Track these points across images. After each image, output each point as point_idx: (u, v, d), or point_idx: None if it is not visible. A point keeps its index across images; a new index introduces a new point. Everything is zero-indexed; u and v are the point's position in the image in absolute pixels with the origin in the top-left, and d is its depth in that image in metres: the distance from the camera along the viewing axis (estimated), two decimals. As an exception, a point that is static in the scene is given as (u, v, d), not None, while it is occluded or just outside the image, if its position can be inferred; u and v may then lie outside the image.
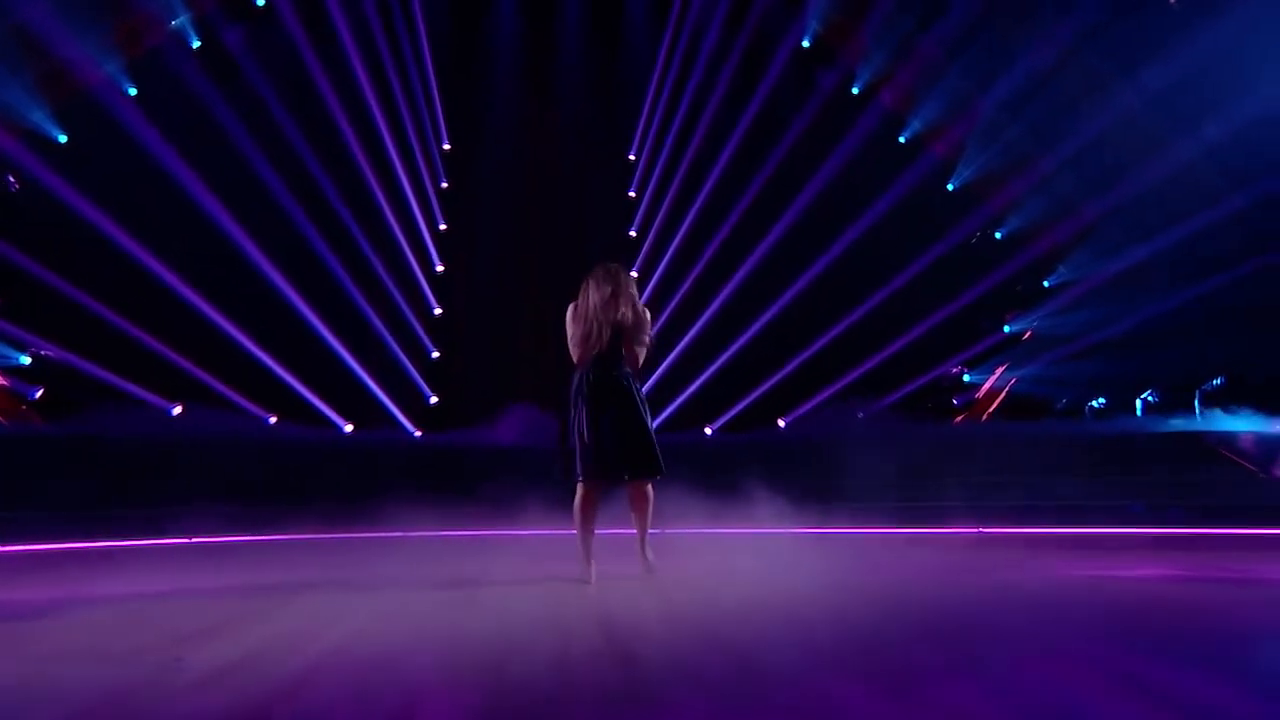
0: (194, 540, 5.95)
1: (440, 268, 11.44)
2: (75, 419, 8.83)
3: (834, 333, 10.71)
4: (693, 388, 10.77)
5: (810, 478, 6.93)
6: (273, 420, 9.90)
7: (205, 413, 9.28)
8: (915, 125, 11.31)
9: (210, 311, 9.44)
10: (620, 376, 3.99)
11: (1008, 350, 11.45)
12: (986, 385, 11.54)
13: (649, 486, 3.98)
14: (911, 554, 5.18)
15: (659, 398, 10.82)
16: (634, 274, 4.33)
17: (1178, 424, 9.50)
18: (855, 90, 11.38)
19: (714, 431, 10.72)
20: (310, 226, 10.01)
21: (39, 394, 9.40)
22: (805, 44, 11.51)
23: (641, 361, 4.12)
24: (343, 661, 2.41)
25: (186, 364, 9.32)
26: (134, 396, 9.17)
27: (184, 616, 3.13)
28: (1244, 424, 8.81)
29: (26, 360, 9.30)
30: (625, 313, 4.04)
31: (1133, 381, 10.77)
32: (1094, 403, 11.24)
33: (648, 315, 4.20)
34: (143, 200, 9.22)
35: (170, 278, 9.26)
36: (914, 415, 10.89)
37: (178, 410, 9.46)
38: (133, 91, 9.58)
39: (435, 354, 11.15)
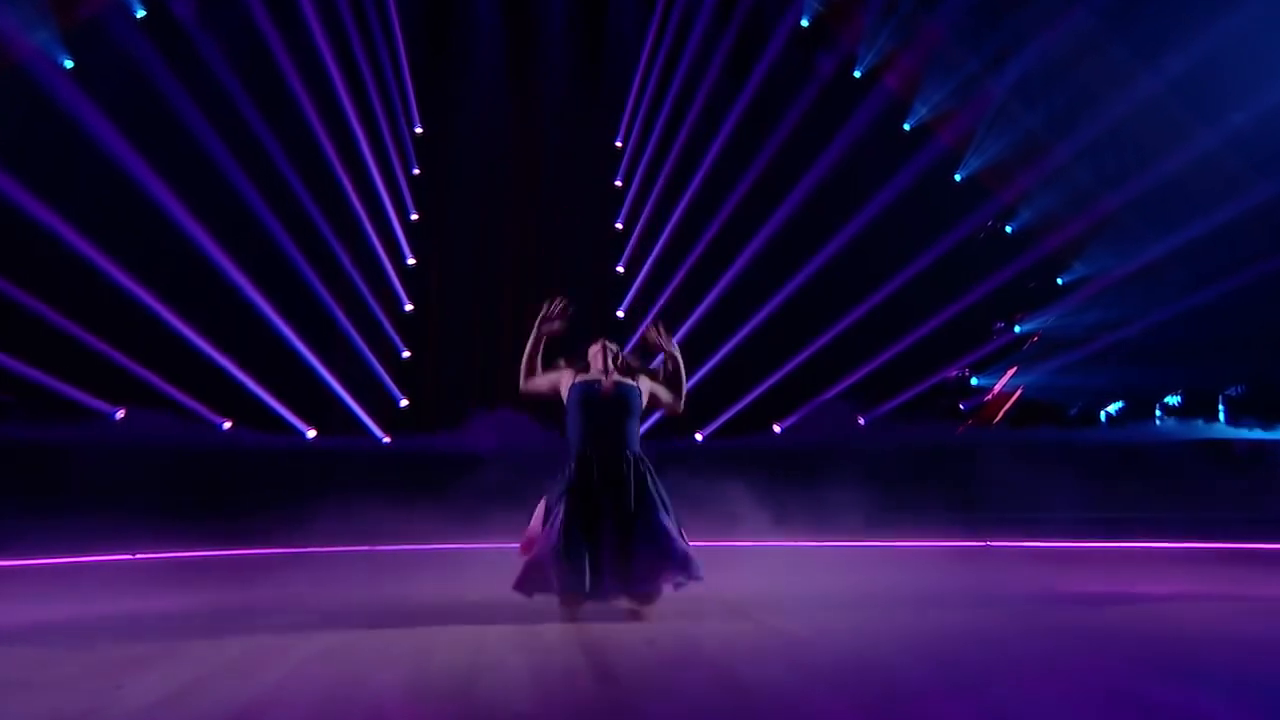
0: (138, 557, 5.86)
1: (411, 261, 11.37)
2: (6, 424, 8.66)
3: (833, 333, 10.75)
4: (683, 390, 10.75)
5: (806, 487, 6.95)
6: (227, 425, 9.78)
7: (152, 417, 9.14)
8: (921, 111, 11.39)
9: (158, 306, 9.29)
10: (627, 456, 3.47)
11: (1018, 352, 11.54)
12: (995, 389, 11.63)
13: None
14: (911, 568, 5.19)
15: (648, 400, 10.78)
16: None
17: (1200, 431, 9.61)
18: (857, 74, 11.45)
19: (704, 438, 10.73)
20: (270, 216, 9.89)
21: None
22: (804, 24, 11.56)
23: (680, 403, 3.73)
24: (302, 685, 2.36)
25: (131, 364, 9.16)
26: (72, 399, 9.01)
27: (127, 639, 3.07)
28: (1270, 432, 8.92)
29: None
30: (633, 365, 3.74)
31: (1152, 386, 10.88)
32: (1110, 409, 11.34)
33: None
34: (80, 183, 9.07)
35: (112, 269, 9.09)
36: (918, 420, 10.95)
37: (121, 414, 9.32)
38: (68, 64, 9.42)
39: (406, 354, 11.08)
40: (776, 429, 10.91)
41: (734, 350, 10.85)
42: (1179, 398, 10.73)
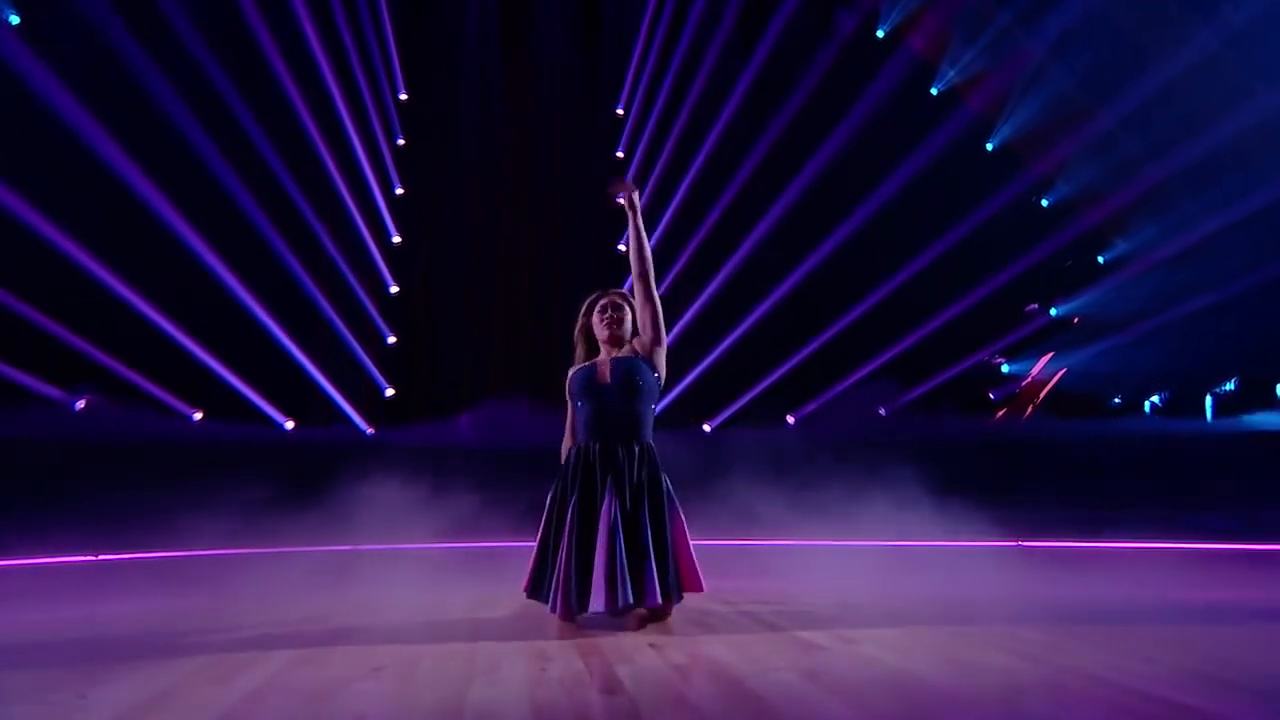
0: (101, 558, 5.88)
1: (397, 239, 11.35)
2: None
3: (852, 317, 10.73)
4: (689, 378, 10.76)
5: (823, 482, 6.95)
6: (198, 417, 9.80)
7: (116, 408, 9.16)
8: (949, 74, 11.29)
9: (122, 289, 9.26)
10: (634, 448, 3.40)
11: (1054, 337, 11.50)
12: (1029, 377, 11.60)
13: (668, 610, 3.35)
14: (937, 569, 5.19)
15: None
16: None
17: (1257, 422, 9.56)
18: (880, 34, 11.34)
19: (713, 429, 10.72)
20: (243, 191, 9.86)
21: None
22: (822, -21, 11.46)
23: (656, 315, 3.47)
24: (279, 695, 2.36)
25: (92, 350, 9.15)
26: (29, 390, 8.99)
27: (90, 646, 3.08)
28: None
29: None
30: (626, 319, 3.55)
31: (1202, 374, 10.82)
32: (1155, 399, 11.30)
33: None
34: (30, 152, 8.98)
35: (70, 247, 9.02)
36: (944, 411, 10.94)
37: (82, 404, 9.34)
38: (14, 20, 9.31)
39: (391, 339, 11.09)
40: (790, 420, 10.91)
41: (745, 335, 10.84)
42: (1232, 386, 10.68)
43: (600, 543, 3.24)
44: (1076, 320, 11.48)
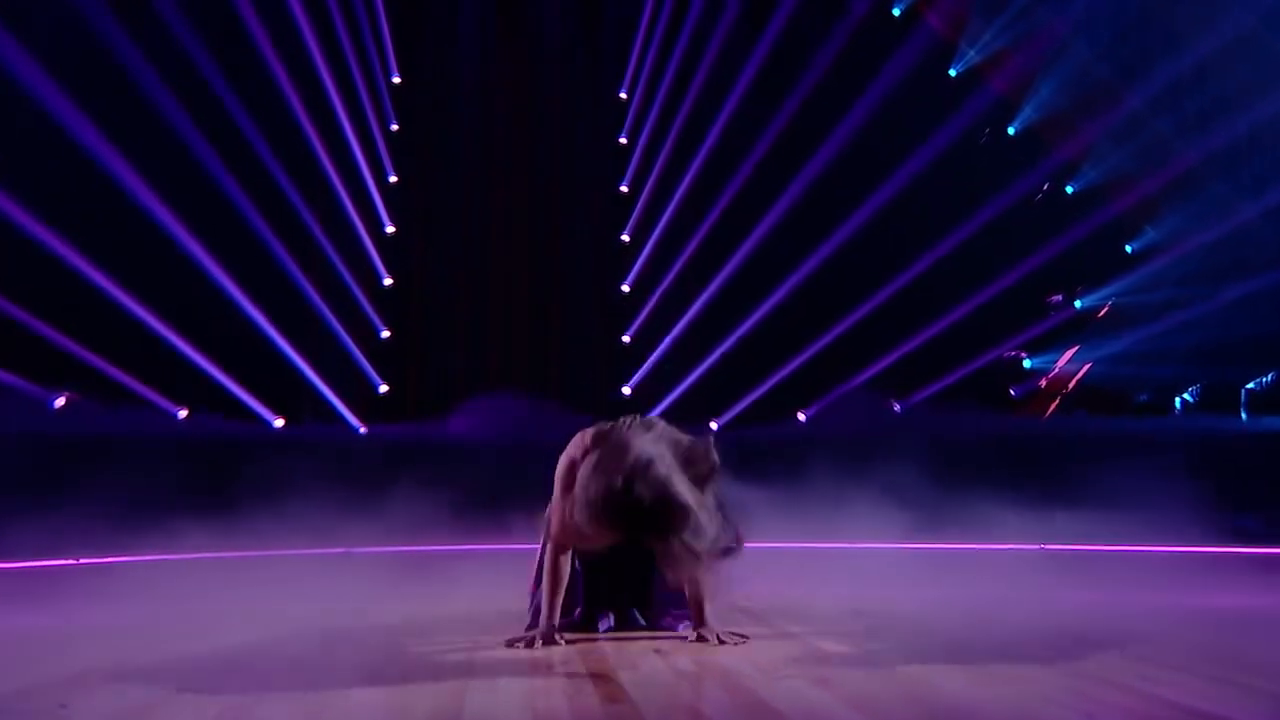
0: (81, 562, 5.90)
1: (390, 229, 11.35)
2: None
3: (866, 308, 10.70)
4: (696, 374, 10.77)
5: (834, 482, 6.94)
6: (183, 414, 9.82)
7: (96, 405, 9.17)
8: (970, 54, 11.24)
9: (100, 279, 9.22)
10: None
11: (1079, 331, 11.46)
12: (1051, 373, 11.57)
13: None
14: (957, 574, 5.18)
15: (655, 386, 10.80)
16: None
17: None
18: (896, 11, 11.30)
19: (720, 427, 10.73)
20: (228, 177, 9.85)
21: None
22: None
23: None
24: (268, 704, 2.37)
25: (70, 343, 9.13)
26: (2, 385, 8.97)
27: (69, 653, 3.09)
28: None
29: None
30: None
31: (1236, 369, 10.75)
32: (1185, 395, 11.26)
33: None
34: (3, 134, 8.96)
35: (45, 235, 8.90)
36: (962, 408, 10.92)
37: (60, 402, 9.36)
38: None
39: (385, 333, 11.10)
40: (801, 417, 10.90)
41: (754, 329, 10.82)
42: (1269, 382, 10.62)
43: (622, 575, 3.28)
44: (1102, 313, 11.44)
